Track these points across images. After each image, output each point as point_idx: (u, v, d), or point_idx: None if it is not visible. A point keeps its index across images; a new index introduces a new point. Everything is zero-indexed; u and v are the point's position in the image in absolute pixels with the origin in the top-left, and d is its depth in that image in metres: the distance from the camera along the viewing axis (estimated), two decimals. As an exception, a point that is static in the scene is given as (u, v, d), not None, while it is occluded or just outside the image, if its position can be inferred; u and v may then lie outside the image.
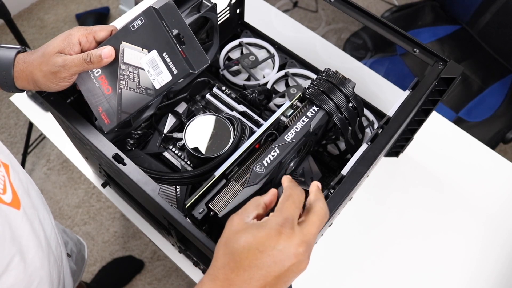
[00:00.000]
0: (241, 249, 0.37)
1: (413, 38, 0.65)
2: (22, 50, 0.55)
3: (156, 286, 1.43)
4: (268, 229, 0.38)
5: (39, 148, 1.66)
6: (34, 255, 0.48)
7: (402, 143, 0.83)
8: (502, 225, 0.85)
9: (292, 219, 0.39)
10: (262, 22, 0.94)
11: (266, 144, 0.59)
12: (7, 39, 1.88)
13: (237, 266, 0.37)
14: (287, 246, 0.37)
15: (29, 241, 0.48)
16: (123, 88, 0.56)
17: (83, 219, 1.53)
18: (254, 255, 0.37)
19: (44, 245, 0.52)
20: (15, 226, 0.45)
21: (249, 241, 0.37)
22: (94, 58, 0.52)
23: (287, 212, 0.39)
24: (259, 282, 0.36)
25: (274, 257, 0.36)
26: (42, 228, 0.53)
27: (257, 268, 0.36)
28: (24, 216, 0.47)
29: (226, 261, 0.38)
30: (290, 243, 0.37)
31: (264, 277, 0.36)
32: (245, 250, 0.37)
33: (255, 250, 0.37)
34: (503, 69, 1.39)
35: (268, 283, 0.37)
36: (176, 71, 0.54)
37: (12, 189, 0.47)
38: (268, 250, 0.37)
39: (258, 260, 0.36)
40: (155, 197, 0.50)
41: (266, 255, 0.36)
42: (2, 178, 0.46)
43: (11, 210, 0.45)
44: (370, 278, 0.79)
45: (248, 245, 0.37)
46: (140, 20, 0.54)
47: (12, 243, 0.43)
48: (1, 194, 0.44)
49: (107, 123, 0.58)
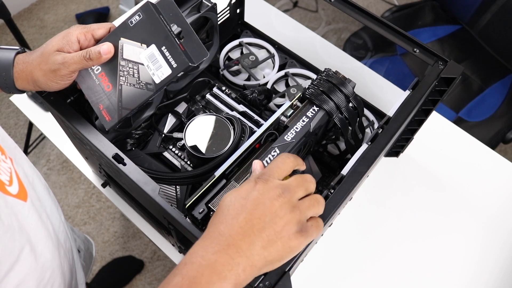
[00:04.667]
0: (228, 202, 0.41)
1: (413, 38, 0.65)
2: (21, 50, 0.55)
3: (156, 286, 1.42)
4: (248, 182, 0.42)
5: (39, 148, 1.66)
6: (44, 246, 0.48)
7: (402, 143, 0.83)
8: (502, 225, 0.85)
9: (269, 173, 0.42)
10: (262, 22, 0.94)
11: (266, 144, 0.59)
12: (7, 39, 1.88)
13: (225, 216, 0.40)
14: (265, 188, 0.41)
15: (38, 232, 0.48)
16: (123, 84, 0.56)
17: (83, 219, 1.53)
18: (238, 202, 0.41)
19: (54, 238, 0.52)
20: (22, 217, 0.45)
21: (233, 195, 0.42)
22: (93, 55, 0.52)
23: (266, 169, 0.43)
24: (245, 224, 0.39)
25: (255, 200, 0.40)
26: (50, 221, 0.53)
27: (242, 212, 0.40)
28: (31, 208, 0.47)
29: (214, 220, 0.41)
30: (267, 185, 0.41)
31: (248, 220, 0.39)
32: (231, 202, 0.41)
33: (239, 199, 0.41)
34: (503, 69, 1.39)
35: (254, 225, 0.39)
36: (175, 64, 0.54)
37: (19, 180, 0.47)
38: (249, 195, 0.41)
39: (243, 206, 0.40)
40: (155, 197, 0.50)
41: (248, 200, 0.40)
42: (8, 169, 0.46)
43: (17, 202, 0.45)
44: (370, 278, 0.79)
45: (233, 198, 0.41)
46: (138, 15, 0.54)
47: (20, 233, 0.43)
48: (7, 185, 0.44)
49: (108, 120, 0.58)
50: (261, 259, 0.39)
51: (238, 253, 0.38)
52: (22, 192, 0.47)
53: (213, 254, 0.38)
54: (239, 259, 0.38)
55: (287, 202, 0.41)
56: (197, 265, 0.38)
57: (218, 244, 0.39)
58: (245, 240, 0.39)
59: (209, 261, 0.38)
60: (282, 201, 0.40)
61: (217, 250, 0.38)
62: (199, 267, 0.38)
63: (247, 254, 0.38)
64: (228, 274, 0.37)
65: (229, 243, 0.39)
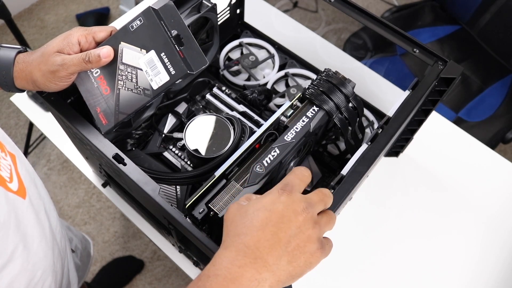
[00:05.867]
0: (251, 213, 0.39)
1: (413, 38, 0.65)
2: (22, 50, 0.55)
3: (156, 286, 1.43)
4: (270, 193, 0.41)
5: (39, 148, 1.66)
6: (38, 245, 0.48)
7: (402, 143, 0.83)
8: (502, 225, 0.85)
9: (292, 185, 0.41)
10: (262, 22, 0.94)
11: (266, 144, 0.59)
12: (7, 39, 1.89)
13: (248, 227, 0.39)
14: (290, 201, 0.40)
15: (34, 231, 0.48)
16: (121, 89, 0.56)
17: (83, 219, 1.53)
18: (263, 213, 0.39)
19: (49, 236, 0.52)
20: (21, 214, 0.45)
21: (256, 206, 0.40)
22: (92, 58, 0.52)
23: (287, 180, 0.42)
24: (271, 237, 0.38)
25: (280, 213, 0.39)
26: (47, 219, 0.53)
27: (267, 224, 0.38)
28: (30, 206, 0.48)
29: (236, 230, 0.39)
30: (291, 198, 0.40)
31: (274, 233, 0.38)
32: (255, 214, 0.39)
33: (264, 210, 0.39)
34: (503, 69, 1.39)
35: (280, 239, 0.38)
36: (174, 71, 0.54)
37: (19, 178, 0.47)
38: (274, 207, 0.39)
39: (267, 219, 0.39)
40: (155, 197, 0.50)
41: (273, 213, 0.39)
42: (8, 166, 0.46)
43: (17, 199, 0.45)
44: (370, 278, 0.79)
45: (256, 209, 0.40)
46: (139, 20, 0.54)
47: (16, 231, 0.43)
48: (8, 182, 0.44)
49: (104, 123, 0.58)
50: (286, 274, 0.38)
51: (265, 267, 0.37)
52: (22, 189, 0.47)
53: (239, 267, 0.37)
54: (266, 274, 0.37)
55: (310, 217, 0.40)
56: (222, 278, 0.37)
57: (244, 256, 0.37)
58: (272, 254, 0.38)
59: (235, 275, 0.36)
60: (306, 216, 0.40)
61: (243, 263, 0.37)
62: (223, 281, 0.36)
63: (273, 268, 0.37)
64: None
65: (256, 256, 0.37)
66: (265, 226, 0.38)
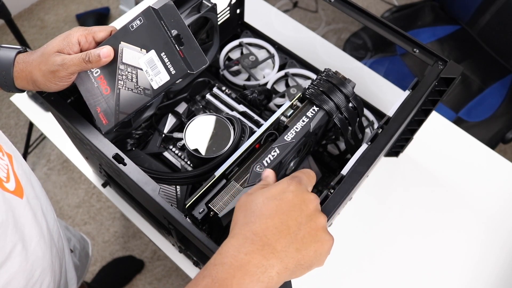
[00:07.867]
0: (260, 202, 0.40)
1: (413, 38, 0.65)
2: (22, 50, 0.55)
3: (156, 286, 1.43)
4: (279, 184, 0.42)
5: (39, 148, 1.66)
6: (36, 244, 0.48)
7: (402, 143, 0.83)
8: (502, 225, 0.85)
9: (299, 178, 0.42)
10: (262, 22, 0.94)
11: (266, 144, 0.59)
12: (7, 39, 1.89)
13: (257, 216, 0.39)
14: (299, 191, 0.41)
15: (32, 230, 0.48)
16: (121, 88, 0.56)
17: (83, 219, 1.53)
18: (272, 202, 0.40)
19: (47, 236, 0.52)
20: (18, 214, 0.45)
21: (265, 195, 0.40)
22: (92, 58, 0.52)
23: (296, 173, 0.43)
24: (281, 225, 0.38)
25: (290, 201, 0.40)
26: (45, 219, 0.53)
27: (277, 212, 0.39)
28: (27, 205, 0.48)
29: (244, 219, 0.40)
30: (301, 188, 0.41)
31: (284, 221, 0.39)
32: (264, 203, 0.40)
33: (273, 199, 0.40)
34: (503, 69, 1.39)
35: (290, 227, 0.38)
36: (174, 71, 0.54)
37: (15, 177, 0.47)
38: (284, 196, 0.40)
39: (277, 207, 0.39)
40: (155, 197, 0.50)
41: (283, 201, 0.40)
42: (5, 166, 0.46)
43: (14, 198, 0.45)
44: (370, 278, 0.79)
45: (266, 198, 0.40)
46: (139, 20, 0.54)
47: (14, 230, 0.43)
48: (4, 182, 0.44)
49: (105, 123, 0.58)
50: (294, 261, 0.38)
51: (273, 254, 0.37)
52: (19, 189, 0.47)
53: (245, 254, 0.37)
54: (274, 260, 0.37)
55: (318, 208, 0.41)
56: (228, 265, 0.36)
57: (252, 244, 0.37)
58: (280, 241, 0.37)
59: (241, 262, 0.36)
60: (315, 206, 0.40)
61: (250, 250, 0.37)
62: (230, 268, 0.36)
63: (281, 255, 0.37)
64: (261, 277, 0.36)
65: (264, 243, 0.37)
66: (275, 214, 0.39)
